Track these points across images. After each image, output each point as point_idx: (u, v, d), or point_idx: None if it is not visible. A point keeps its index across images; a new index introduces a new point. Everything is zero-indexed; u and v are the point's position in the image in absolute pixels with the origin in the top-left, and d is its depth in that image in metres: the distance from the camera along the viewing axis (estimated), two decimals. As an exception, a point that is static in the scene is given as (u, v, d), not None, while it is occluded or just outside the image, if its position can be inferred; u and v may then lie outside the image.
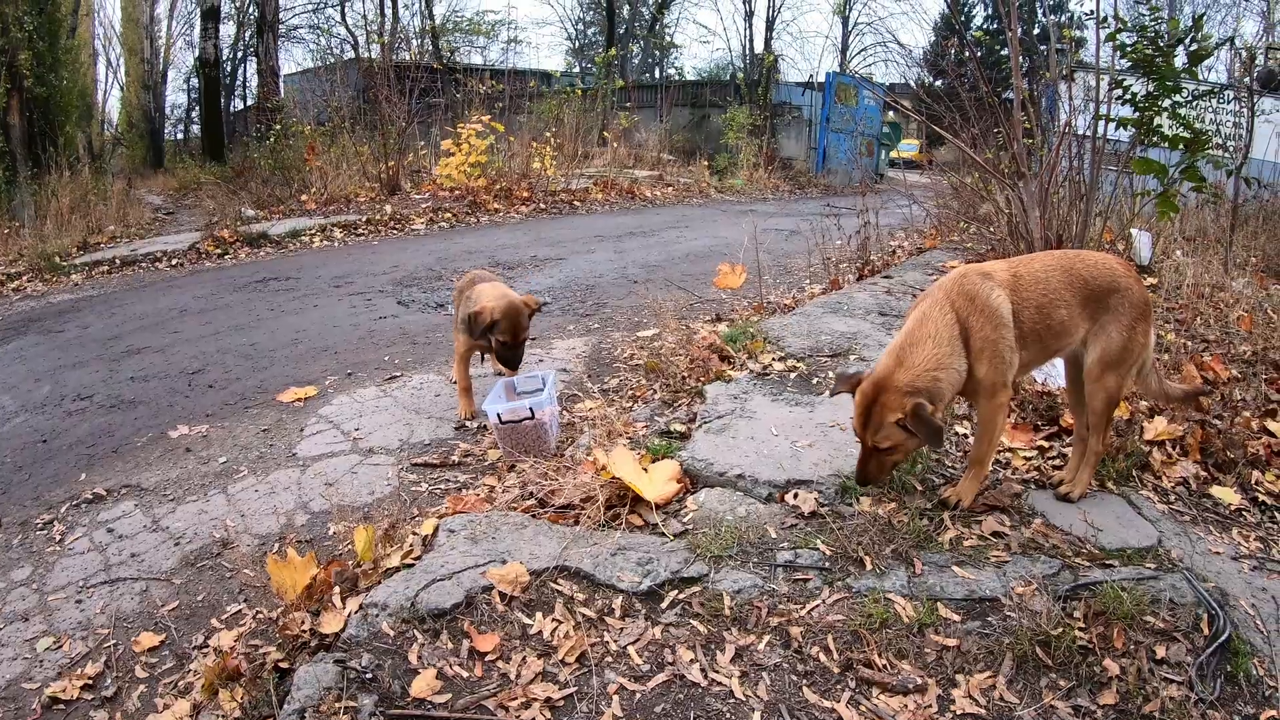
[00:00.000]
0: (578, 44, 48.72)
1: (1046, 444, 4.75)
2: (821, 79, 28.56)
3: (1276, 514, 4.23)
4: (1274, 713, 2.90)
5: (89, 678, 3.47)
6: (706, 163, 24.08)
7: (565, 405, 5.96)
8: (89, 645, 3.69)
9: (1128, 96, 7.57)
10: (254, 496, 4.92)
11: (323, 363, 7.19)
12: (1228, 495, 4.30)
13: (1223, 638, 3.12)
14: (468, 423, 5.85)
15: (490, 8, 75.07)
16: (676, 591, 3.35)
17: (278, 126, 18.33)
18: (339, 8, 36.10)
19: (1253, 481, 4.44)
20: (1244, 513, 4.21)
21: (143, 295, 10.34)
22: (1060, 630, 3.08)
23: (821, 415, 4.93)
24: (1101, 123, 7.67)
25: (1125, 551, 3.66)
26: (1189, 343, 6.44)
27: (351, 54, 30.61)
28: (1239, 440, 4.67)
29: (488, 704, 2.83)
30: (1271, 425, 4.97)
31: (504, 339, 5.39)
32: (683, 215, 17.10)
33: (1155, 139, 7.69)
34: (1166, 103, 7.52)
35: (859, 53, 42.45)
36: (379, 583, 3.43)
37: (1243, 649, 3.11)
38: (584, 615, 3.23)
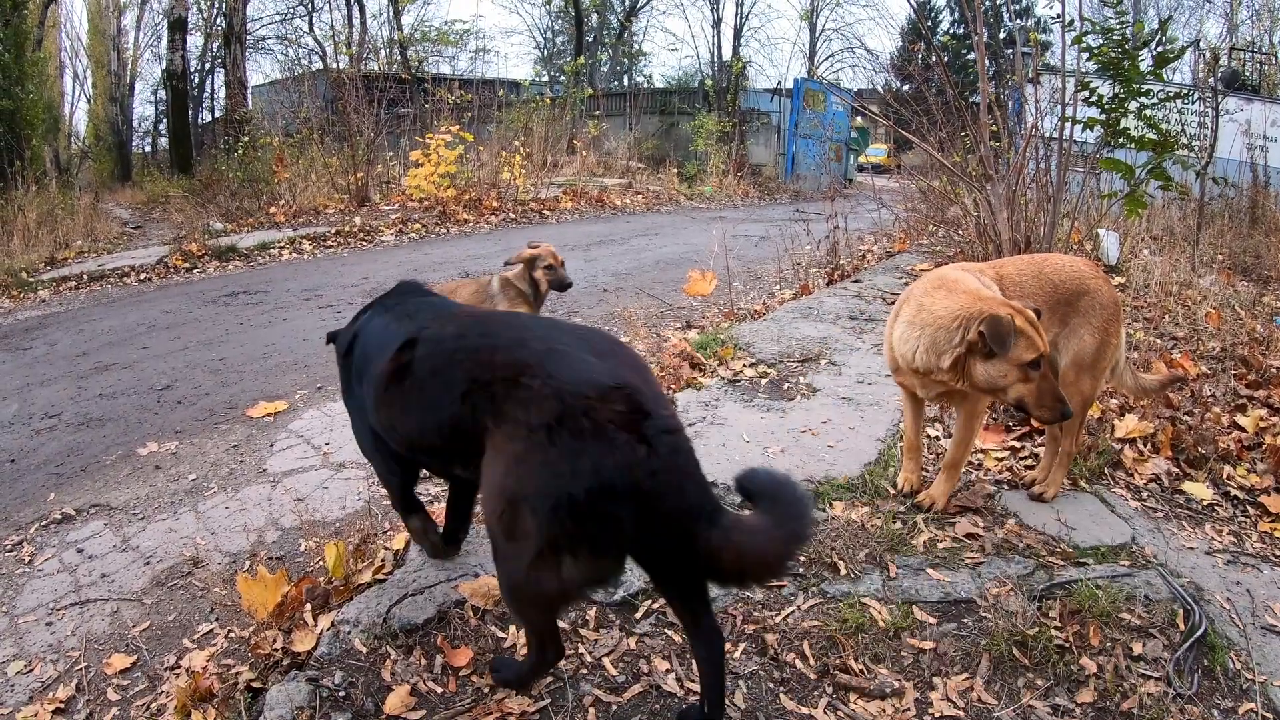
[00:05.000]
0: (546, 53, 48.62)
1: (1018, 444, 4.77)
2: (789, 85, 28.64)
3: (1249, 508, 4.26)
4: (1252, 705, 2.91)
5: (60, 701, 3.40)
6: (676, 170, 24.08)
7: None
8: (60, 668, 3.62)
9: (1094, 99, 7.63)
10: (224, 514, 4.86)
11: (293, 376, 7.13)
12: (1200, 490, 4.33)
13: (1199, 632, 3.14)
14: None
15: (458, 17, 74.85)
16: (651, 601, 3.34)
17: (245, 138, 18.24)
18: (307, 19, 36.00)
19: (1224, 476, 4.47)
20: (1216, 507, 4.24)
21: (111, 311, 10.23)
22: (1036, 630, 3.09)
23: (793, 421, 4.93)
24: (1068, 124, 7.72)
25: (1099, 549, 3.68)
26: (1158, 340, 6.49)
27: (319, 65, 30.44)
28: (1210, 436, 4.70)
29: (462, 719, 2.81)
30: (1241, 420, 5.01)
31: (551, 264, 6.14)
32: (652, 223, 17.10)
33: (1122, 140, 7.74)
34: (1133, 105, 7.58)
35: (827, 59, 42.65)
36: (351, 599, 3.40)
37: (1219, 643, 3.13)
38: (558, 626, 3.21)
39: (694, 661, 2.82)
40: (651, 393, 2.53)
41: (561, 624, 3.23)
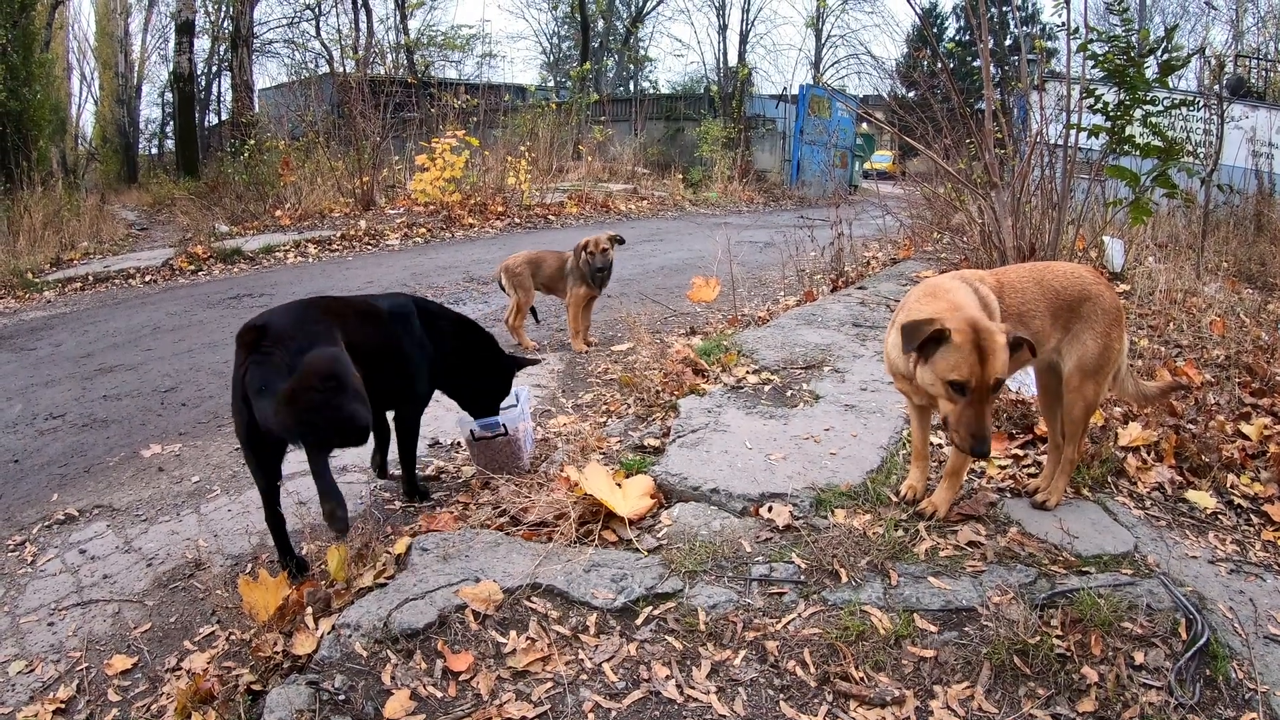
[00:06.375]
0: (552, 58, 48.72)
1: (1021, 452, 4.75)
2: (795, 91, 28.73)
3: (1252, 517, 4.24)
4: (1254, 715, 2.90)
5: (61, 702, 3.40)
6: (681, 176, 24.11)
7: (539, 421, 5.94)
8: (61, 668, 3.63)
9: (1099, 106, 7.62)
10: (227, 516, 4.87)
11: (297, 379, 7.13)
12: (1203, 499, 4.31)
13: (1201, 642, 3.12)
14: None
15: (465, 22, 74.98)
16: (651, 607, 3.33)
17: (252, 141, 18.27)
18: (314, 22, 36.10)
19: (1228, 485, 4.45)
20: (1220, 516, 4.22)
21: (116, 312, 10.26)
22: (1038, 638, 3.07)
23: (795, 428, 4.93)
24: (1073, 132, 7.71)
25: (1102, 558, 3.66)
26: (1162, 348, 6.48)
27: (326, 69, 30.54)
28: (1214, 444, 4.69)
29: (462, 724, 2.81)
30: (1246, 428, 5.00)
31: (592, 251, 7.56)
32: (657, 228, 17.11)
33: (1127, 148, 7.74)
34: (1138, 112, 7.57)
35: (832, 65, 42.72)
36: (352, 603, 3.39)
37: (1221, 652, 3.11)
38: (558, 633, 3.21)
39: None
40: (287, 332, 3.81)
41: (562, 630, 3.23)
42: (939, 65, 11.05)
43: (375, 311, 4.61)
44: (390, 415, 4.90)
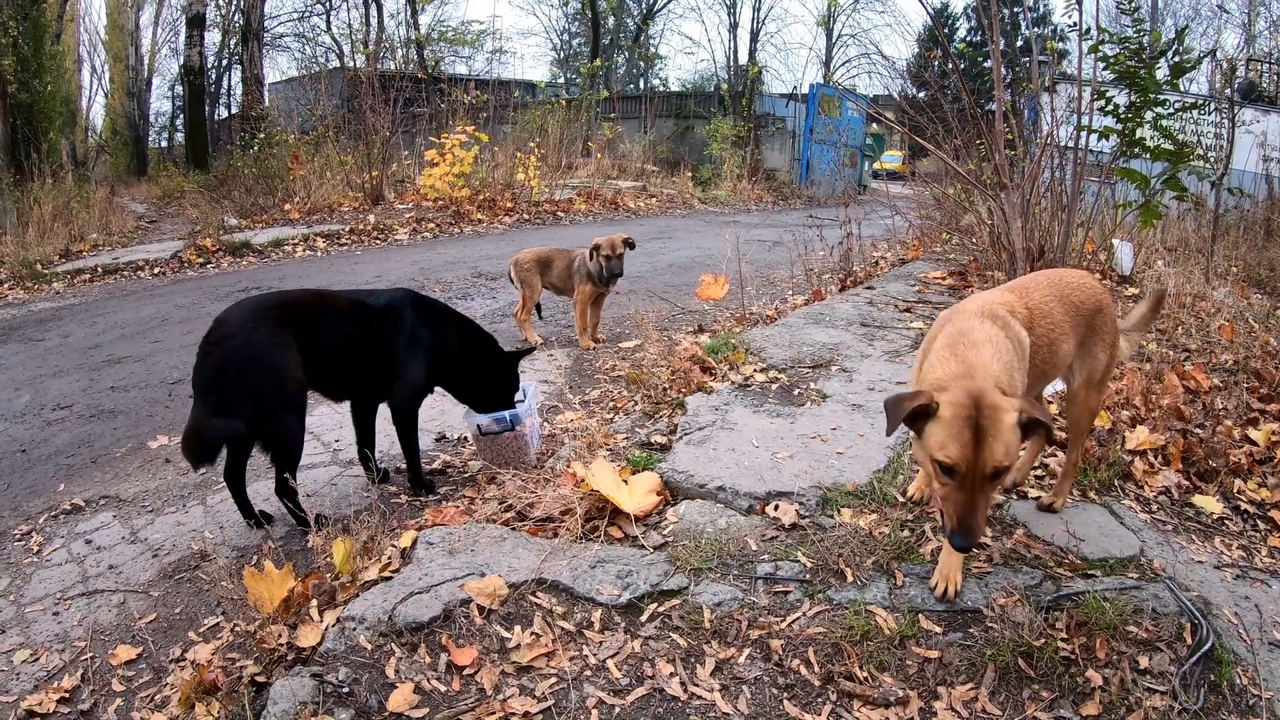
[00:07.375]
0: (563, 55, 48.72)
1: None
2: (805, 90, 28.73)
3: (1259, 522, 4.23)
4: (1257, 722, 2.90)
5: (65, 691, 3.42)
6: (690, 174, 24.11)
7: (546, 417, 5.94)
8: (66, 658, 3.64)
9: (1110, 108, 7.60)
10: (232, 508, 4.86)
11: (304, 373, 7.14)
12: (1210, 504, 4.29)
13: (1206, 647, 3.11)
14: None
15: (475, 18, 74.95)
16: (656, 604, 3.33)
17: (261, 135, 18.29)
18: (324, 17, 36.10)
19: (1235, 490, 4.43)
20: (1226, 521, 4.20)
21: (124, 304, 10.28)
22: (1042, 641, 3.07)
23: (802, 426, 4.91)
24: (1084, 133, 7.69)
25: (1108, 561, 3.65)
26: (1171, 352, 6.45)
27: (336, 63, 30.56)
28: (1221, 449, 4.67)
29: (465, 718, 2.81)
30: (1253, 434, 4.97)
31: (608, 254, 7.74)
32: (666, 226, 17.11)
33: (1137, 150, 7.71)
34: (1149, 114, 7.55)
35: (843, 64, 42.73)
36: (357, 596, 3.40)
37: (1226, 658, 3.10)
38: (563, 628, 3.21)
39: None
40: (229, 332, 4.17)
41: (567, 625, 3.23)
42: (950, 65, 11.05)
43: (360, 308, 4.72)
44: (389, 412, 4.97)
